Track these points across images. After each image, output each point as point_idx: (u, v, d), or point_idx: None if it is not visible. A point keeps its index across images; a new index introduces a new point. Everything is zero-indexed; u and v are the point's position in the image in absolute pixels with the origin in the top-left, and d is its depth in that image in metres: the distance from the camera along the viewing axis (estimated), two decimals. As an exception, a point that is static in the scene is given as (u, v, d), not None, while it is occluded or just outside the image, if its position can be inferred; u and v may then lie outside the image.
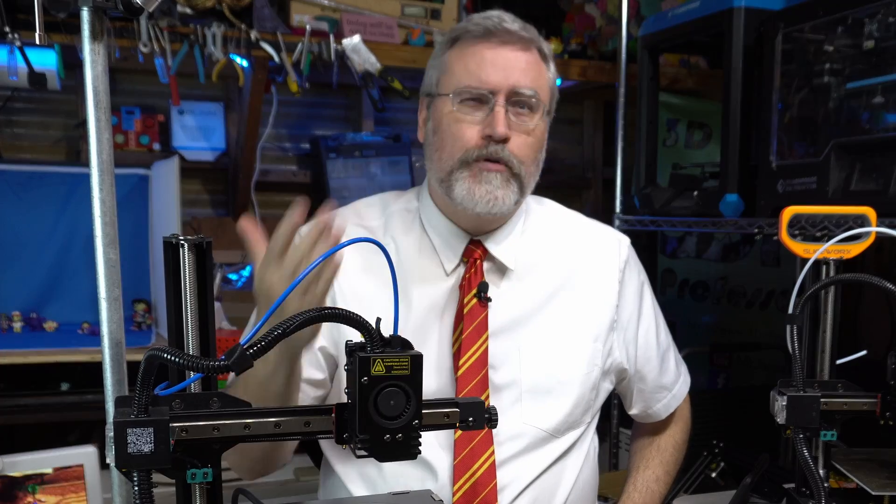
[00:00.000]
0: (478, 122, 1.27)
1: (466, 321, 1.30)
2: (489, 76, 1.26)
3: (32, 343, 2.24)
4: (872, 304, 2.40)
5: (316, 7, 2.46)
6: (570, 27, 2.88)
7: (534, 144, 1.31)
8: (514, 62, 1.28)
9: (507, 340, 1.33)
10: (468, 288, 1.32)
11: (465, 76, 1.28)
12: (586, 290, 1.39)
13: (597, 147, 3.29)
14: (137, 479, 0.77)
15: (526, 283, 1.37)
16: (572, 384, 1.34)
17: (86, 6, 0.83)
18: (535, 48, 1.31)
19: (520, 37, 1.29)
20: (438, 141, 1.31)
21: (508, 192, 1.28)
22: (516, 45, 1.29)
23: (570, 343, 1.36)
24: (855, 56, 1.67)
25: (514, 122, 1.28)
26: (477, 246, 1.35)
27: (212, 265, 0.85)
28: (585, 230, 1.47)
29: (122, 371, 0.89)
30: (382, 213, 1.40)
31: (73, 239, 2.50)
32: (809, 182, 1.75)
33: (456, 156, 1.28)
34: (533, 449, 1.32)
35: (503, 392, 1.32)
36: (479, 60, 1.27)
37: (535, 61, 1.30)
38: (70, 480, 1.30)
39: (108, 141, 0.86)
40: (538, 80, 1.30)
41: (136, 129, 2.66)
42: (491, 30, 1.28)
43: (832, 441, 1.16)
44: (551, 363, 1.34)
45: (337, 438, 0.84)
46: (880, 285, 1.08)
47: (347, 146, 2.77)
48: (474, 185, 1.27)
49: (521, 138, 1.28)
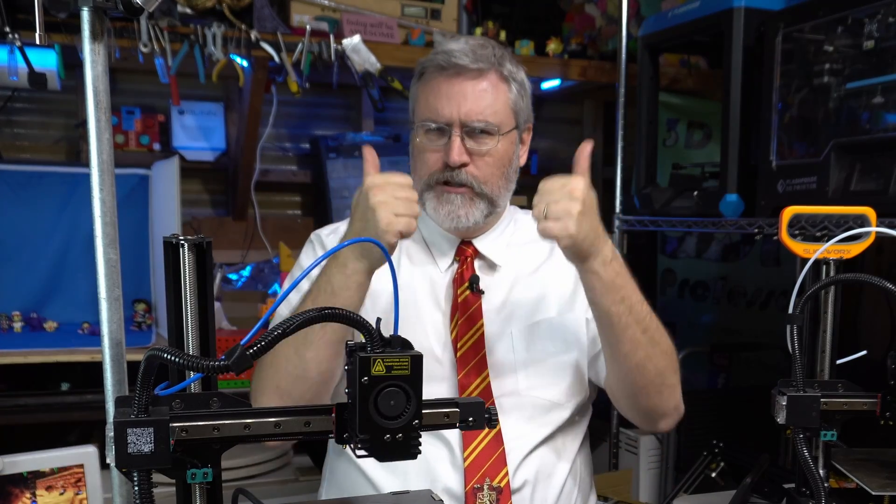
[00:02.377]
0: (439, 149, 1.41)
1: (461, 310, 1.43)
2: (442, 109, 1.39)
3: (32, 343, 2.24)
4: (872, 304, 2.40)
5: (316, 7, 2.46)
6: (570, 27, 2.88)
7: (495, 163, 1.42)
8: (465, 93, 1.39)
9: (500, 325, 1.44)
10: (461, 281, 1.45)
11: (425, 109, 1.42)
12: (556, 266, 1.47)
13: (597, 147, 3.29)
14: (137, 479, 0.77)
15: (514, 278, 1.48)
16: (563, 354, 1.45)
17: (86, 6, 0.83)
18: (493, 72, 1.40)
19: (469, 69, 1.39)
20: (413, 164, 1.47)
21: (473, 209, 1.42)
22: (468, 75, 1.39)
23: (549, 314, 1.46)
24: (855, 56, 1.67)
25: (473, 147, 1.40)
26: (468, 246, 1.48)
27: (212, 265, 0.85)
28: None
29: (122, 371, 0.89)
30: None
31: (73, 239, 2.50)
32: (809, 182, 1.75)
33: (423, 179, 1.43)
34: (534, 417, 1.41)
35: (499, 369, 1.42)
36: (436, 94, 1.40)
37: (490, 87, 1.40)
38: (70, 480, 1.30)
39: (108, 141, 0.86)
40: (494, 106, 1.40)
41: (136, 129, 2.66)
42: (443, 65, 1.40)
43: (832, 441, 1.16)
44: (542, 341, 1.45)
45: (337, 438, 0.84)
46: (880, 285, 1.08)
47: (347, 146, 2.77)
48: (438, 204, 1.42)
49: (480, 161, 1.41)
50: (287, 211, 2.97)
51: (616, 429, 2.55)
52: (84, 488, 1.31)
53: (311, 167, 2.90)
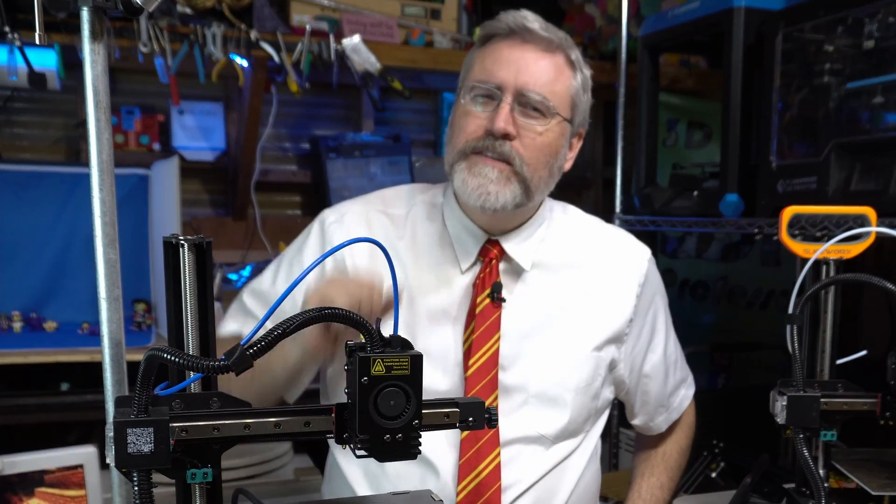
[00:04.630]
0: (484, 116, 1.28)
1: (478, 321, 1.30)
2: (498, 72, 1.26)
3: (32, 343, 2.24)
4: (872, 304, 2.39)
5: (316, 7, 2.46)
6: (570, 27, 2.88)
7: (543, 147, 1.28)
8: (528, 62, 1.27)
9: (519, 342, 1.32)
10: (482, 287, 1.32)
11: (479, 72, 1.29)
12: (602, 300, 1.38)
13: (597, 147, 3.29)
14: (137, 479, 0.77)
15: (542, 287, 1.36)
16: (577, 393, 1.34)
17: (86, 6, 0.83)
18: (561, 53, 1.30)
19: (540, 37, 1.27)
20: (450, 133, 1.34)
21: (505, 189, 1.26)
22: (537, 45, 1.27)
23: (579, 351, 1.35)
24: (855, 56, 1.67)
25: (522, 121, 1.27)
26: (494, 245, 1.35)
27: (212, 265, 0.85)
28: (607, 240, 1.46)
29: (122, 371, 0.89)
30: (407, 203, 1.42)
31: (73, 239, 2.49)
32: (809, 182, 1.75)
33: (458, 146, 1.29)
34: (537, 451, 1.33)
35: (512, 394, 1.32)
36: (495, 58, 1.28)
37: (554, 66, 1.28)
38: (70, 480, 1.30)
39: (108, 141, 0.86)
40: (554, 85, 1.28)
41: (136, 129, 2.66)
42: (512, 27, 1.28)
43: (832, 441, 1.16)
44: (560, 370, 1.33)
45: (337, 438, 0.84)
46: (880, 285, 1.08)
47: (347, 146, 2.77)
48: (468, 175, 1.27)
49: (527, 138, 1.27)
50: (287, 211, 2.97)
51: (616, 429, 2.54)
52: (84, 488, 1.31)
53: (311, 167, 2.90)
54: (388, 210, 1.41)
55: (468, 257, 1.35)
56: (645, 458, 1.56)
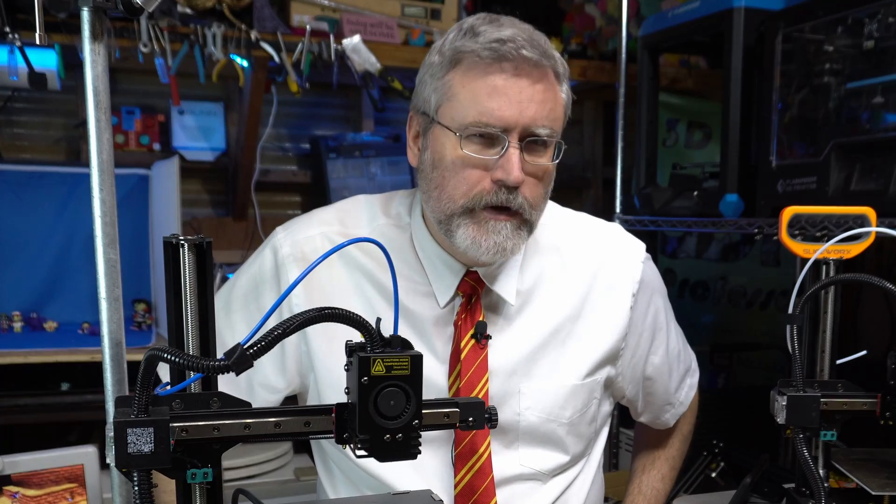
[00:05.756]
0: (488, 165, 1.12)
1: (465, 365, 1.20)
2: (500, 112, 1.10)
3: (32, 343, 2.24)
4: (872, 304, 2.39)
5: (316, 7, 2.46)
6: (570, 27, 2.88)
7: (546, 184, 1.18)
8: (530, 95, 1.11)
9: (507, 380, 1.23)
10: (465, 328, 1.21)
11: (473, 110, 1.11)
12: (593, 319, 1.29)
13: (597, 147, 3.29)
14: (137, 479, 0.77)
15: (527, 317, 1.26)
16: (571, 425, 1.27)
17: (86, 6, 0.83)
18: (550, 69, 1.14)
19: (536, 63, 1.11)
20: (439, 178, 1.16)
21: (518, 241, 1.16)
22: (531, 71, 1.11)
23: (571, 380, 1.27)
24: (855, 56, 1.67)
25: (528, 164, 1.13)
26: (473, 279, 1.23)
27: (212, 265, 0.85)
28: (594, 246, 1.33)
29: (122, 371, 0.89)
30: (369, 224, 1.28)
31: (73, 239, 2.50)
32: (809, 182, 1.75)
33: (460, 201, 1.14)
34: (534, 489, 1.27)
35: (502, 433, 1.24)
36: (490, 92, 1.10)
37: (550, 89, 1.14)
38: (70, 480, 1.30)
39: (108, 141, 0.86)
40: (555, 111, 1.15)
41: (136, 129, 2.66)
42: (505, 55, 1.10)
43: (832, 441, 1.16)
44: (551, 405, 1.25)
45: (337, 438, 0.84)
46: (880, 285, 1.08)
47: (347, 146, 2.77)
48: (479, 235, 1.14)
49: (532, 181, 1.15)
50: (287, 211, 2.97)
51: (616, 429, 2.54)
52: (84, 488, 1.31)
53: (311, 167, 2.90)
54: (348, 232, 1.26)
55: (446, 292, 1.22)
56: (645, 449, 1.53)
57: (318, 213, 1.31)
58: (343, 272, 1.24)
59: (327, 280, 1.23)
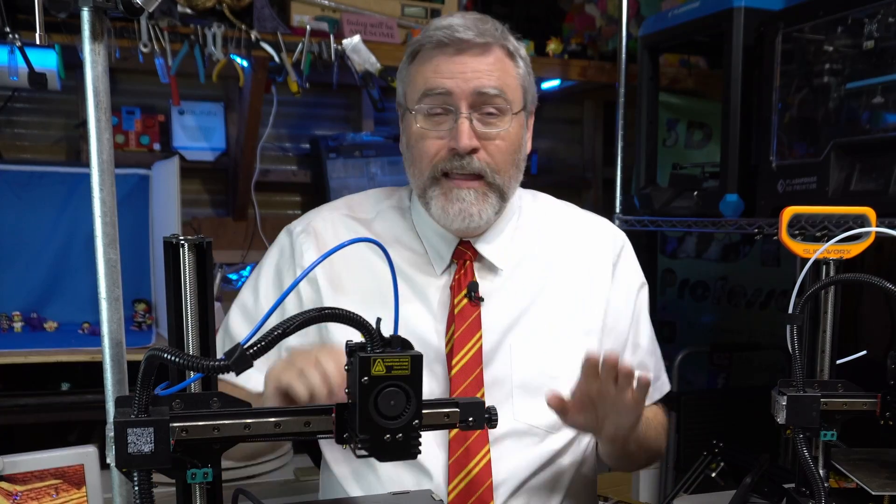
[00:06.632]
0: (443, 135, 1.26)
1: (458, 321, 1.30)
2: (445, 82, 1.24)
3: (32, 343, 2.24)
4: (872, 304, 2.40)
5: (316, 7, 2.46)
6: (570, 27, 2.88)
7: (507, 148, 1.28)
8: (473, 68, 1.25)
9: (501, 337, 1.32)
10: (458, 289, 1.33)
11: (423, 87, 1.27)
12: (579, 285, 1.38)
13: (597, 147, 3.29)
14: (137, 479, 0.77)
15: (517, 281, 1.36)
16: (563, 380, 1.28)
17: (86, 6, 0.83)
18: (498, 47, 1.28)
19: (474, 44, 1.25)
20: (410, 156, 1.33)
21: (486, 205, 1.29)
22: (473, 51, 1.25)
23: (561, 339, 1.35)
24: (855, 56, 1.67)
25: (482, 130, 1.26)
26: (467, 247, 1.35)
27: (212, 265, 0.85)
28: (580, 225, 1.46)
29: (122, 371, 0.89)
30: (374, 207, 1.42)
31: (73, 239, 2.50)
32: (809, 182, 1.75)
33: (426, 172, 1.29)
34: (529, 445, 1.31)
35: (496, 387, 1.31)
36: (437, 69, 1.26)
37: (496, 60, 1.27)
38: (70, 480, 1.30)
39: (108, 141, 0.86)
40: (503, 79, 1.27)
41: (136, 129, 2.66)
42: (444, 41, 1.25)
43: (832, 441, 1.16)
44: (542, 359, 1.33)
45: (337, 438, 0.84)
46: (880, 285, 1.08)
47: (347, 146, 2.77)
48: (447, 203, 1.28)
49: (492, 145, 1.27)
50: (287, 211, 2.98)
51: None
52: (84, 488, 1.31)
53: (311, 167, 2.90)
54: (355, 215, 1.41)
55: (442, 261, 1.35)
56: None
57: (329, 203, 1.47)
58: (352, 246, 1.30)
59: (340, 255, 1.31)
